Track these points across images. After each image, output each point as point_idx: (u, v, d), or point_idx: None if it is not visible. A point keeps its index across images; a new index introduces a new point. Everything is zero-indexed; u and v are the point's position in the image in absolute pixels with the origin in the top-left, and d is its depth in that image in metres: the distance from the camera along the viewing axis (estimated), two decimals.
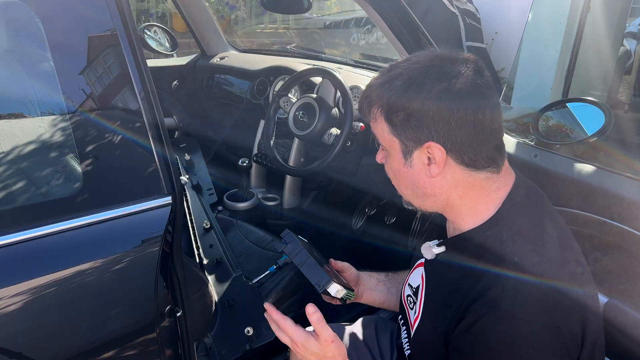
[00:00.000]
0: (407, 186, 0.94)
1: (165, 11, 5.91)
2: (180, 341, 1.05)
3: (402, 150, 0.90)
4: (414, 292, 1.07)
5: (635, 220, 1.21)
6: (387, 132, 0.89)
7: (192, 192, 2.04)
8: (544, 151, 1.44)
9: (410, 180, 0.92)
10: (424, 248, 1.02)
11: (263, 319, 1.51)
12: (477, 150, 0.87)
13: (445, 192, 0.91)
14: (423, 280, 1.03)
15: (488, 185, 0.91)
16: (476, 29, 4.81)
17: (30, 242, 0.85)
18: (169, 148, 0.97)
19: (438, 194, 0.91)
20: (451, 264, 0.95)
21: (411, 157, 0.89)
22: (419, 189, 0.92)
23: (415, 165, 0.90)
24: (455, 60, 0.86)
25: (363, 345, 1.28)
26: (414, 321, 1.03)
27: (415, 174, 0.90)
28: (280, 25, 6.86)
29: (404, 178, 0.93)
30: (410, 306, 1.09)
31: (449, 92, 0.83)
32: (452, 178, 0.89)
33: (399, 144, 0.89)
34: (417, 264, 1.09)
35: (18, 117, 0.92)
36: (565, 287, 0.84)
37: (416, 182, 0.91)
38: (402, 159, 0.90)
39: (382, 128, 0.90)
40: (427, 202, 0.94)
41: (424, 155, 0.88)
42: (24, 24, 0.92)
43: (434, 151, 0.87)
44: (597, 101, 1.42)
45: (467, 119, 0.84)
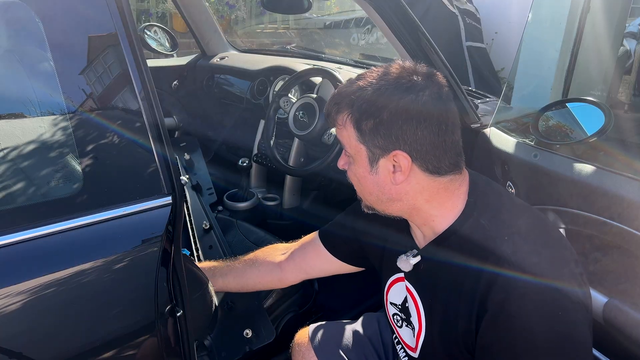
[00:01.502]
0: (372, 192, 0.96)
1: (165, 11, 5.91)
2: (180, 341, 1.04)
3: (368, 158, 0.92)
4: (399, 309, 1.07)
5: (635, 220, 1.21)
6: (354, 140, 0.91)
7: (192, 192, 2.04)
8: (544, 151, 1.44)
9: (375, 186, 0.94)
10: (400, 261, 1.02)
11: (262, 320, 1.52)
12: (441, 158, 0.90)
13: (411, 198, 0.93)
14: (412, 295, 1.02)
15: (452, 185, 0.94)
16: (476, 29, 4.81)
17: (30, 242, 0.85)
18: (169, 148, 0.97)
19: (404, 199, 0.93)
20: (441, 267, 0.95)
21: (377, 165, 0.91)
22: (384, 195, 0.94)
23: (380, 172, 0.92)
24: (421, 73, 0.90)
25: (367, 342, 1.29)
26: (416, 337, 1.03)
27: (380, 180, 0.93)
28: (280, 25, 6.86)
29: (368, 184, 0.95)
30: (398, 325, 1.09)
31: (416, 103, 0.87)
32: (417, 184, 0.92)
33: (366, 152, 0.91)
34: (393, 280, 1.09)
35: (18, 117, 0.92)
36: (568, 287, 0.85)
37: (381, 188, 0.93)
38: (368, 166, 0.92)
39: (349, 135, 0.92)
40: (393, 206, 0.96)
41: (390, 163, 0.90)
42: (24, 24, 0.92)
43: (399, 159, 0.89)
44: (597, 101, 1.42)
45: (432, 130, 0.88)
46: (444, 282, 0.94)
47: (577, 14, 2.24)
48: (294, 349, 1.32)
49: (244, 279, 1.29)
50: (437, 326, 0.96)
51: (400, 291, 1.06)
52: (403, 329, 1.07)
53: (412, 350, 1.05)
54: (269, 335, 1.46)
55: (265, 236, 1.87)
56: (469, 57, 4.64)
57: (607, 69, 2.89)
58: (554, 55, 2.27)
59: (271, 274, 1.28)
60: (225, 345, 1.45)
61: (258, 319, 1.50)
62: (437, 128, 0.88)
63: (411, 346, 1.06)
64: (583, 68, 2.51)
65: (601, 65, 2.80)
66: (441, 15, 4.61)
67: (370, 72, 0.93)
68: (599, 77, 2.86)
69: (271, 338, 1.46)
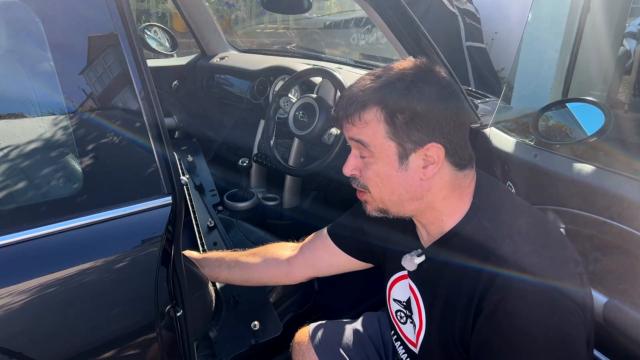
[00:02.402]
0: (394, 191, 0.93)
1: (165, 11, 5.91)
2: (180, 341, 1.05)
3: (397, 154, 0.90)
4: (404, 306, 1.08)
5: (635, 220, 1.21)
6: (382, 136, 0.89)
7: (195, 192, 2.04)
8: (544, 151, 1.44)
9: (401, 184, 0.92)
10: (405, 260, 1.02)
11: (269, 314, 1.52)
12: (465, 148, 0.93)
13: (431, 195, 0.93)
14: (414, 292, 1.03)
15: (464, 182, 0.94)
16: (476, 29, 4.82)
17: (30, 242, 0.85)
18: (169, 148, 0.97)
19: (425, 196, 0.93)
20: (443, 266, 0.95)
21: (407, 161, 0.90)
22: (408, 193, 0.93)
23: (410, 168, 0.90)
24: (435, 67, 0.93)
25: (368, 340, 1.29)
26: (417, 334, 1.03)
27: (409, 177, 0.91)
28: (280, 25, 6.86)
29: (392, 183, 0.92)
30: (401, 321, 1.09)
31: (445, 94, 0.89)
32: (440, 180, 0.92)
33: (395, 148, 0.89)
34: (396, 277, 1.09)
35: (18, 117, 0.92)
36: (568, 287, 0.85)
37: (407, 185, 0.92)
38: (396, 163, 0.90)
39: (375, 132, 0.89)
40: (411, 205, 0.94)
41: (421, 158, 0.90)
42: (24, 24, 0.92)
43: (433, 152, 0.89)
44: (596, 101, 1.42)
45: (460, 120, 0.90)
46: (445, 281, 0.94)
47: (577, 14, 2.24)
48: (294, 348, 1.32)
49: (248, 272, 1.28)
50: (436, 324, 0.97)
51: (404, 289, 1.07)
52: (406, 325, 1.08)
53: (414, 345, 1.06)
54: (276, 329, 1.46)
55: (265, 236, 1.87)
56: (469, 57, 4.64)
57: (607, 69, 2.89)
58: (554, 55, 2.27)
59: (278, 268, 1.27)
60: (231, 337, 1.45)
61: (265, 312, 1.51)
62: (464, 120, 0.92)
63: (413, 342, 1.06)
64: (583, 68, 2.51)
65: (601, 65, 2.80)
66: (441, 15, 4.61)
67: (387, 68, 0.92)
68: (599, 77, 2.86)
69: (278, 332, 1.46)
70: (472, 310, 0.87)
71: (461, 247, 0.92)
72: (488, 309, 0.85)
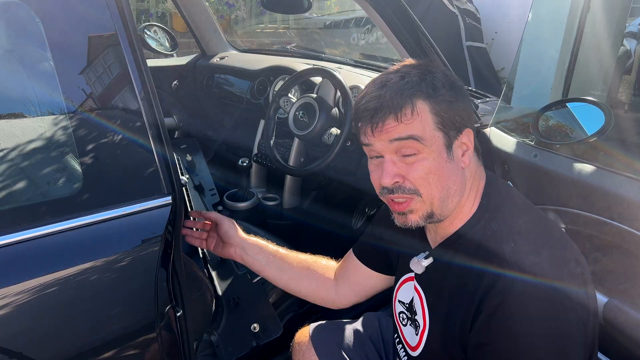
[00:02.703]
0: (444, 185, 0.91)
1: (165, 11, 5.91)
2: (180, 341, 1.05)
3: (445, 144, 0.90)
4: (407, 307, 1.08)
5: (635, 220, 1.21)
6: (431, 127, 0.88)
7: (195, 192, 2.04)
8: (544, 151, 1.44)
9: (451, 176, 0.91)
10: (413, 263, 1.02)
11: (269, 315, 1.51)
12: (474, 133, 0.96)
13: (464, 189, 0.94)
14: (420, 294, 1.03)
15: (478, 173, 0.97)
16: (476, 29, 4.81)
17: (30, 242, 0.85)
18: (169, 148, 0.97)
19: (460, 190, 0.93)
20: (448, 268, 0.95)
21: (452, 149, 0.91)
22: (455, 185, 0.92)
23: (455, 157, 0.91)
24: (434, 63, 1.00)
25: (368, 341, 1.29)
26: (419, 336, 1.03)
27: (455, 167, 0.91)
28: (280, 25, 6.86)
29: (444, 176, 0.90)
30: (402, 323, 1.09)
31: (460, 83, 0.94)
32: (472, 166, 0.95)
33: (442, 138, 0.89)
34: (404, 279, 1.09)
35: (18, 117, 0.92)
36: (568, 287, 0.85)
37: (455, 177, 0.92)
38: (445, 154, 0.90)
39: (425, 124, 0.88)
40: (452, 202, 0.93)
41: (459, 146, 0.92)
42: (24, 24, 0.92)
43: (466, 138, 0.92)
44: (597, 101, 1.42)
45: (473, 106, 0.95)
46: (449, 282, 0.94)
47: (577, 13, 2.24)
48: (295, 348, 1.32)
49: (297, 284, 1.25)
50: (439, 325, 0.97)
51: (408, 290, 1.07)
52: (407, 327, 1.08)
53: (412, 349, 1.06)
54: (276, 330, 1.46)
55: (265, 236, 1.87)
56: (469, 57, 4.64)
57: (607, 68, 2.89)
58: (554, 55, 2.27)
59: (327, 292, 1.25)
60: (232, 340, 1.45)
61: (265, 314, 1.51)
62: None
63: (411, 345, 1.06)
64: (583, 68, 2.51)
65: (601, 65, 2.80)
66: (441, 15, 4.61)
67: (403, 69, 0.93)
68: (599, 77, 2.86)
69: (278, 333, 1.46)
70: (472, 311, 0.87)
71: (466, 249, 0.92)
72: (487, 311, 0.85)
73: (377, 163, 0.94)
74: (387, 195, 0.93)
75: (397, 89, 0.88)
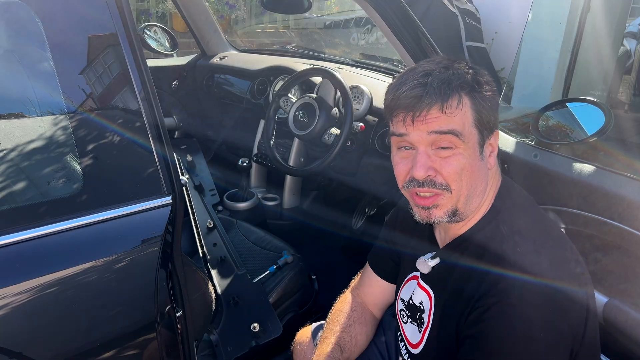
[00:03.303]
0: (473, 184, 0.90)
1: (165, 11, 5.91)
2: (180, 341, 1.05)
3: (479, 142, 0.89)
4: (406, 305, 1.08)
5: (635, 220, 1.21)
6: (470, 124, 0.87)
7: (195, 192, 2.04)
8: (544, 151, 1.44)
9: (481, 175, 0.91)
10: (419, 263, 1.02)
11: (269, 315, 1.52)
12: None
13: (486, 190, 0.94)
14: (429, 293, 1.02)
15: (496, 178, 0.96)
16: (476, 29, 4.81)
17: (30, 242, 0.85)
18: (169, 148, 0.97)
19: (484, 190, 0.93)
20: (453, 269, 0.95)
21: (484, 149, 0.91)
22: (481, 185, 0.92)
23: (485, 156, 0.92)
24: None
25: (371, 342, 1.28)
26: (421, 334, 1.03)
27: (484, 167, 0.91)
28: (280, 25, 6.86)
29: (474, 174, 0.89)
30: (403, 320, 1.09)
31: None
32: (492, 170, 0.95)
33: (477, 136, 0.88)
34: (408, 278, 1.09)
35: (18, 117, 0.92)
36: (567, 287, 0.85)
37: (483, 176, 0.92)
38: (478, 152, 0.89)
39: (465, 119, 0.87)
40: (476, 202, 0.92)
41: (488, 147, 0.91)
42: (24, 24, 0.92)
43: (497, 138, 0.93)
44: (597, 101, 1.42)
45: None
46: (453, 282, 0.94)
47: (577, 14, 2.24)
48: (296, 348, 1.32)
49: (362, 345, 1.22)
50: (439, 323, 0.97)
51: (410, 288, 1.07)
52: (407, 325, 1.08)
53: (413, 347, 1.06)
54: (276, 330, 1.46)
55: (265, 236, 1.87)
56: (469, 57, 4.63)
57: (607, 68, 2.90)
58: (554, 55, 2.27)
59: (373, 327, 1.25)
60: (232, 340, 1.45)
61: (264, 314, 1.51)
62: None
63: (412, 343, 1.06)
64: (583, 68, 2.51)
65: (601, 65, 2.80)
66: (441, 15, 4.60)
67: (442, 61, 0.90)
68: (599, 77, 2.86)
69: (278, 333, 1.46)
70: (469, 307, 0.87)
71: (473, 250, 0.92)
72: (483, 308, 0.85)
73: (406, 155, 0.90)
74: (413, 189, 0.90)
75: (443, 79, 0.85)
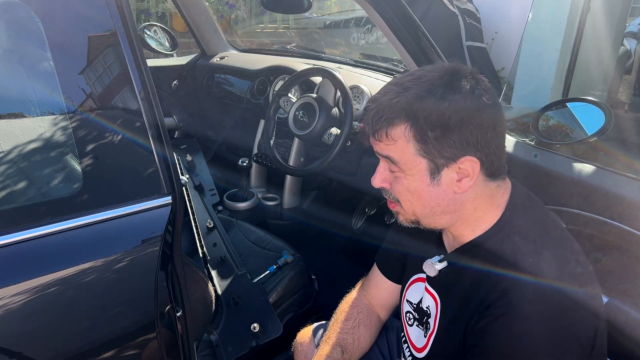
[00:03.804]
0: (426, 205, 0.90)
1: (165, 11, 5.91)
2: (180, 341, 1.05)
3: (429, 170, 0.86)
4: (414, 308, 1.07)
5: (635, 220, 1.21)
6: (412, 154, 0.85)
7: (195, 192, 2.04)
8: (544, 151, 1.44)
9: (433, 199, 0.89)
10: (426, 265, 1.00)
11: (269, 315, 1.52)
12: (501, 158, 0.89)
13: (465, 207, 0.90)
14: (435, 298, 1.02)
15: (498, 192, 0.91)
16: (476, 29, 4.81)
17: (30, 242, 0.85)
18: (169, 148, 0.97)
19: (459, 209, 0.90)
20: (461, 274, 0.94)
21: (439, 176, 0.87)
22: (440, 207, 0.90)
23: (442, 183, 0.87)
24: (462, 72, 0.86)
25: None
26: (427, 338, 1.03)
27: (441, 191, 0.88)
28: (280, 25, 6.86)
29: (424, 197, 0.89)
30: (409, 323, 1.09)
31: (481, 103, 0.83)
32: (474, 192, 0.89)
33: (427, 164, 0.86)
34: (414, 279, 1.08)
35: (18, 117, 0.92)
36: (578, 298, 0.84)
37: (439, 200, 0.89)
38: (428, 179, 0.87)
39: (404, 149, 0.86)
40: (443, 219, 0.92)
41: (454, 172, 0.86)
42: (24, 24, 0.92)
43: (467, 165, 0.85)
44: (597, 101, 1.42)
45: (498, 129, 0.86)
46: (460, 288, 0.93)
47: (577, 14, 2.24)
48: (296, 348, 1.32)
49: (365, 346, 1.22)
50: (446, 329, 0.96)
51: (418, 291, 1.06)
52: (413, 327, 1.07)
53: (418, 350, 1.05)
54: (276, 330, 1.46)
55: (265, 236, 1.87)
56: (469, 57, 4.63)
57: (607, 68, 2.90)
58: (554, 55, 2.27)
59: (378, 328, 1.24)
60: (232, 340, 1.45)
61: (265, 314, 1.51)
62: (501, 129, 0.87)
63: (417, 346, 1.05)
64: (583, 68, 2.51)
65: (601, 65, 2.80)
66: (441, 15, 4.60)
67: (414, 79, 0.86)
68: (599, 77, 2.87)
69: (278, 332, 1.46)
70: (477, 316, 0.87)
71: (483, 258, 0.90)
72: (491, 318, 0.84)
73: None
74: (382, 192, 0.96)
75: (384, 106, 0.86)
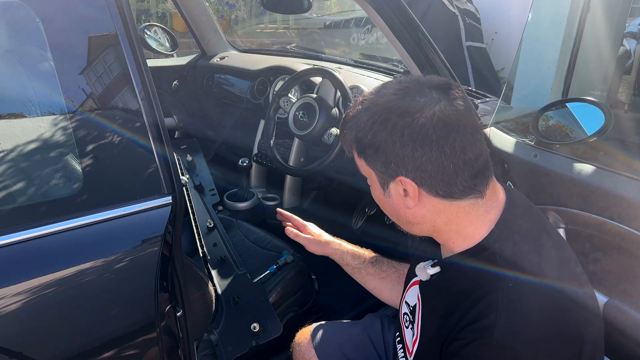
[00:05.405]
0: (391, 214, 0.95)
1: (165, 11, 5.91)
2: (180, 341, 1.05)
3: (379, 182, 0.90)
4: (411, 310, 1.07)
5: (635, 220, 1.21)
6: (364, 165, 0.91)
7: (195, 192, 2.04)
8: (544, 151, 1.44)
9: (391, 209, 0.93)
10: (418, 269, 1.00)
11: (269, 315, 1.52)
12: (450, 182, 0.84)
13: (429, 220, 0.90)
14: (419, 302, 1.02)
15: (474, 210, 0.88)
16: (476, 29, 4.82)
17: (30, 242, 0.85)
18: (169, 148, 0.97)
19: (422, 221, 0.91)
20: (445, 287, 0.94)
21: (388, 189, 0.90)
22: (402, 218, 0.93)
23: (393, 196, 0.90)
24: (423, 90, 0.84)
25: (369, 342, 1.29)
26: (412, 343, 1.03)
27: (395, 204, 0.91)
28: (280, 25, 6.86)
29: (385, 207, 0.95)
30: (406, 325, 1.09)
31: (412, 127, 0.81)
32: (432, 207, 0.88)
33: (376, 176, 0.90)
34: (412, 282, 1.08)
35: (18, 117, 0.92)
36: (567, 289, 0.84)
37: (397, 211, 0.92)
38: (381, 190, 0.91)
39: (359, 160, 0.92)
40: (414, 228, 0.94)
41: (400, 188, 0.87)
42: (24, 24, 0.92)
43: (406, 184, 0.86)
44: (596, 101, 1.42)
45: (433, 154, 0.81)
46: (445, 300, 0.92)
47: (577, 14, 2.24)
48: (295, 348, 1.32)
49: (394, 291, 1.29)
50: (426, 338, 0.96)
51: (413, 295, 1.06)
52: (408, 329, 1.07)
53: (409, 353, 1.05)
54: (276, 330, 1.46)
55: (265, 236, 1.87)
56: (469, 57, 4.64)
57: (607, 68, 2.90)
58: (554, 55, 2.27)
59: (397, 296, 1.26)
60: (232, 340, 1.45)
61: (264, 313, 1.51)
62: (441, 150, 0.81)
63: (409, 349, 1.06)
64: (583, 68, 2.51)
65: (601, 65, 2.80)
66: (441, 15, 4.61)
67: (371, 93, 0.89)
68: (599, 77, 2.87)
69: (278, 332, 1.46)
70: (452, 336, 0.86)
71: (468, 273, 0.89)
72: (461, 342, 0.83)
73: None
74: None
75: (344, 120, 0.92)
